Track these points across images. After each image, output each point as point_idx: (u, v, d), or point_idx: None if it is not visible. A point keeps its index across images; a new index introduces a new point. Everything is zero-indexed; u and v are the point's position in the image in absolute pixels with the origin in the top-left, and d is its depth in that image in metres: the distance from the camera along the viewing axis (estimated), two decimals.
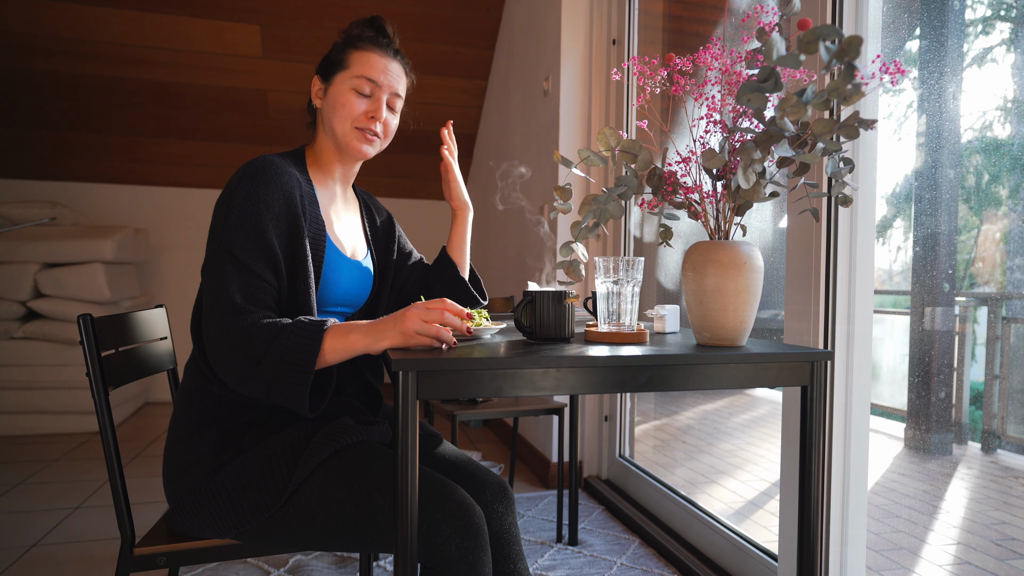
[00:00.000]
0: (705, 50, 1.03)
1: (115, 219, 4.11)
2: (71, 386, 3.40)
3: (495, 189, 3.69)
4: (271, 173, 1.08)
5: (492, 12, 3.58)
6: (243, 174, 1.07)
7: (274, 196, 1.07)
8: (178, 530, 1.07)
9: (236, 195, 1.05)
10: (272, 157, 1.12)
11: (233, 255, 1.02)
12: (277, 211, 1.06)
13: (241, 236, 1.03)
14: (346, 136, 1.20)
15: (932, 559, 1.94)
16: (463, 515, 0.99)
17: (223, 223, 1.04)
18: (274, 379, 0.96)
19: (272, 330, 0.98)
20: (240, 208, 1.04)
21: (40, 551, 1.98)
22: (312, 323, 0.99)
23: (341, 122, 1.19)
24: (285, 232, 1.08)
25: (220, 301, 1.00)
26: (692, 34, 2.75)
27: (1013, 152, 1.73)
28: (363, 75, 1.19)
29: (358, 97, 1.20)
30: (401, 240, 1.43)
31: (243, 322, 0.98)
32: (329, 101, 1.21)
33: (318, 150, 1.25)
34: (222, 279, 1.01)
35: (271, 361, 0.96)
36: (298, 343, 0.97)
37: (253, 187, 1.06)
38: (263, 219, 1.05)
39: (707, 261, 1.02)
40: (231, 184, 1.07)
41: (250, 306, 1.01)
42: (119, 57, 3.46)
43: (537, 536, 2.13)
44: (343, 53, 1.22)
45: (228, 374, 1.00)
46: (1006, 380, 2.05)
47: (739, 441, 3.55)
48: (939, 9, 1.70)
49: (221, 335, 0.99)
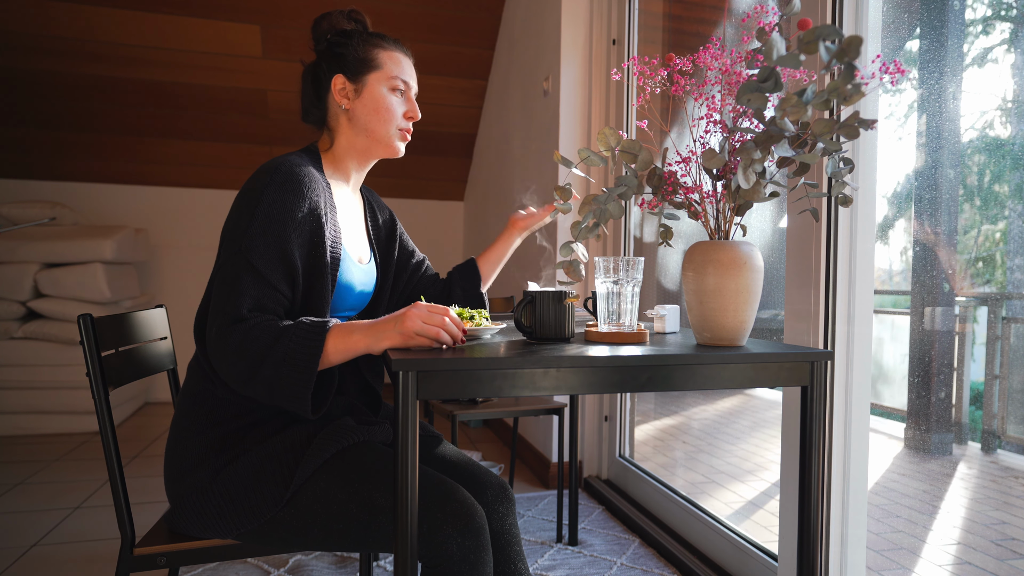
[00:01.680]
0: (705, 50, 1.03)
1: (115, 219, 4.11)
2: (71, 386, 3.40)
3: (495, 189, 3.69)
4: (300, 183, 1.06)
5: (492, 12, 3.58)
6: (271, 179, 1.05)
7: (302, 207, 1.05)
8: (179, 530, 1.07)
9: (263, 201, 1.03)
10: (297, 160, 1.10)
11: (252, 264, 1.00)
12: (302, 223, 1.05)
13: (263, 245, 1.01)
14: (389, 137, 1.21)
15: (932, 559, 1.94)
16: (464, 515, 1.00)
17: (245, 228, 1.02)
18: (277, 381, 0.96)
19: (274, 333, 0.97)
20: (265, 216, 1.02)
21: (40, 551, 1.98)
22: (314, 324, 0.99)
23: (384, 124, 1.19)
24: (307, 244, 1.06)
25: (227, 307, 0.99)
26: (692, 34, 2.75)
27: (1013, 152, 1.73)
28: (398, 76, 1.20)
29: (396, 98, 1.21)
30: (403, 239, 1.42)
31: (244, 326, 0.98)
32: (367, 103, 1.19)
33: (339, 152, 1.23)
34: (236, 286, 1.00)
35: (273, 363, 0.96)
36: (300, 345, 0.96)
37: (281, 195, 1.04)
38: (287, 230, 1.03)
39: (707, 261, 1.02)
40: (257, 187, 1.05)
41: (255, 314, 1.00)
42: (119, 57, 3.46)
43: (537, 536, 2.13)
44: (368, 50, 1.20)
45: (231, 377, 1.00)
46: (1006, 380, 2.05)
47: (739, 441, 3.55)
48: (939, 9, 1.70)
49: (222, 339, 0.98)
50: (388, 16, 3.47)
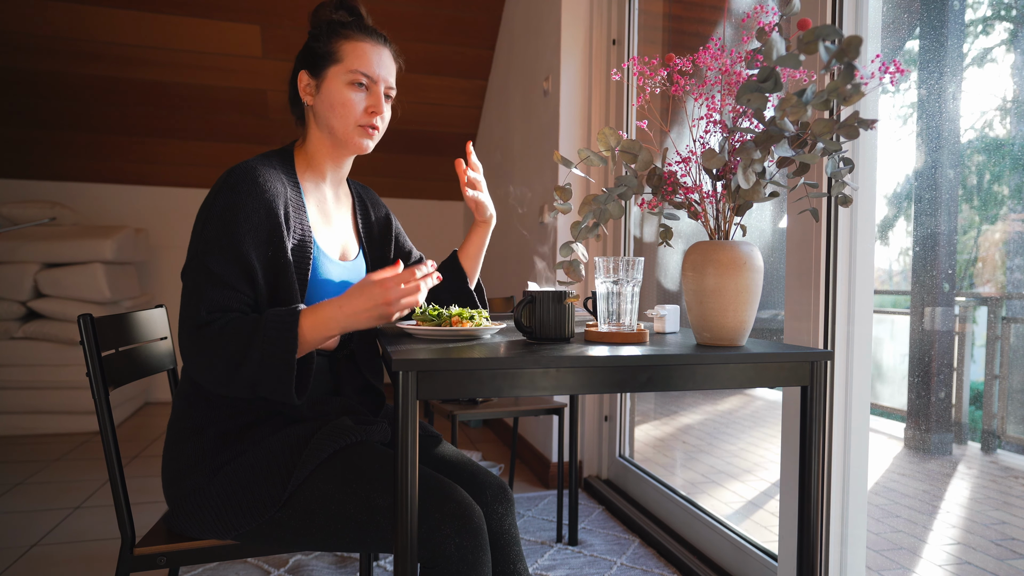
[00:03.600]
0: (705, 50, 1.03)
1: (115, 219, 4.11)
2: (71, 386, 3.40)
3: (495, 189, 3.69)
4: (251, 183, 1.05)
5: (492, 12, 3.58)
6: (223, 184, 1.05)
7: (253, 206, 1.04)
8: (178, 531, 1.07)
9: (215, 206, 1.03)
10: (255, 163, 1.09)
11: (208, 268, 1.01)
12: (256, 222, 1.04)
13: (217, 248, 1.01)
14: (348, 134, 1.17)
15: (932, 559, 1.94)
16: (463, 515, 0.99)
17: (200, 234, 1.03)
18: (259, 378, 0.97)
19: (246, 330, 0.97)
20: (218, 219, 1.02)
21: (40, 551, 1.98)
22: (284, 314, 0.98)
23: (342, 120, 1.15)
24: (264, 243, 1.05)
25: (191, 312, 0.99)
26: (692, 34, 2.75)
27: (1013, 152, 1.73)
28: (358, 69, 1.14)
29: (356, 92, 1.15)
30: (400, 238, 1.42)
31: (212, 329, 0.98)
32: (325, 98, 1.16)
33: (310, 149, 1.21)
34: (195, 292, 1.00)
35: (252, 362, 0.96)
36: (276, 338, 0.96)
37: (232, 197, 1.03)
38: (240, 230, 1.02)
39: (707, 261, 1.02)
40: (211, 194, 1.05)
41: (215, 315, 1.00)
42: (119, 57, 3.46)
43: (537, 536, 2.13)
44: (330, 43, 1.15)
45: (208, 380, 0.99)
46: (1006, 380, 2.05)
47: (739, 441, 3.55)
48: (939, 9, 1.70)
49: (193, 345, 0.98)
50: (388, 16, 3.47)
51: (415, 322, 1.15)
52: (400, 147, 4.07)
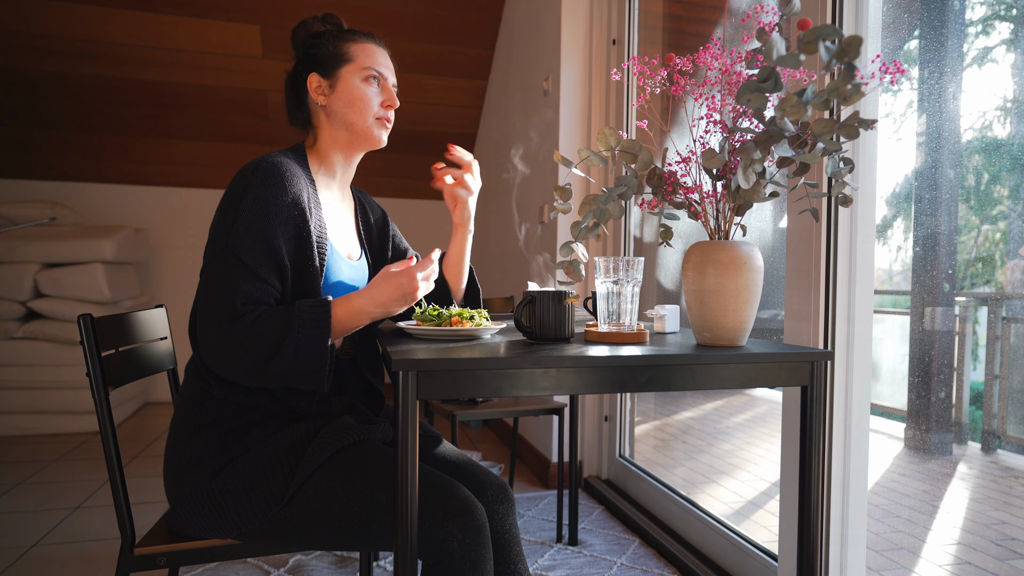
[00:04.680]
0: (705, 50, 1.03)
1: (115, 219, 4.11)
2: (71, 386, 3.40)
3: (494, 189, 3.69)
4: (281, 176, 1.07)
5: (492, 12, 3.58)
6: (252, 175, 1.06)
7: (284, 200, 1.06)
8: (179, 530, 1.07)
9: (245, 198, 1.04)
10: (280, 157, 1.11)
11: (240, 259, 1.01)
12: (286, 216, 1.06)
13: (249, 240, 1.02)
14: (368, 128, 1.21)
15: (932, 559, 1.94)
16: (465, 513, 1.00)
17: (230, 226, 1.03)
18: (292, 372, 0.99)
19: (280, 323, 0.99)
20: (249, 211, 1.03)
21: (40, 551, 1.98)
22: (316, 308, 1.02)
23: (361, 115, 1.19)
24: (293, 237, 1.07)
25: (222, 304, 1.00)
26: (692, 34, 2.75)
27: (1013, 152, 1.73)
28: (370, 66, 1.20)
29: (371, 87, 1.21)
30: (396, 239, 1.43)
31: (243, 323, 0.99)
32: (341, 96, 1.19)
33: (322, 149, 1.24)
34: (226, 282, 1.01)
35: (287, 355, 0.98)
36: (311, 332, 0.99)
37: (263, 190, 1.05)
38: (272, 223, 1.04)
39: (707, 261, 1.02)
40: (239, 185, 1.06)
41: (249, 307, 1.01)
42: (118, 57, 3.46)
43: (537, 536, 2.13)
44: (339, 46, 1.21)
45: (235, 373, 1.00)
46: (1006, 380, 2.05)
47: (739, 441, 3.55)
48: (939, 9, 1.70)
49: (223, 339, 0.99)
50: (387, 16, 3.47)
51: (415, 322, 1.15)
52: (400, 147, 4.07)
